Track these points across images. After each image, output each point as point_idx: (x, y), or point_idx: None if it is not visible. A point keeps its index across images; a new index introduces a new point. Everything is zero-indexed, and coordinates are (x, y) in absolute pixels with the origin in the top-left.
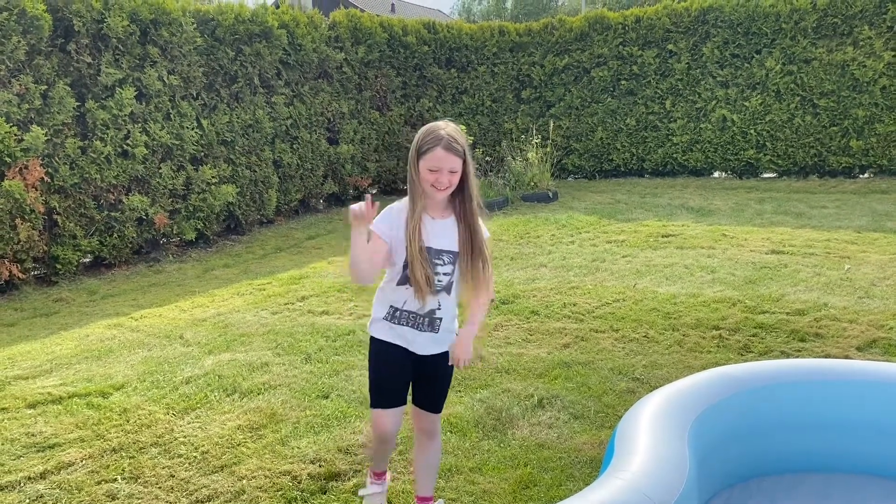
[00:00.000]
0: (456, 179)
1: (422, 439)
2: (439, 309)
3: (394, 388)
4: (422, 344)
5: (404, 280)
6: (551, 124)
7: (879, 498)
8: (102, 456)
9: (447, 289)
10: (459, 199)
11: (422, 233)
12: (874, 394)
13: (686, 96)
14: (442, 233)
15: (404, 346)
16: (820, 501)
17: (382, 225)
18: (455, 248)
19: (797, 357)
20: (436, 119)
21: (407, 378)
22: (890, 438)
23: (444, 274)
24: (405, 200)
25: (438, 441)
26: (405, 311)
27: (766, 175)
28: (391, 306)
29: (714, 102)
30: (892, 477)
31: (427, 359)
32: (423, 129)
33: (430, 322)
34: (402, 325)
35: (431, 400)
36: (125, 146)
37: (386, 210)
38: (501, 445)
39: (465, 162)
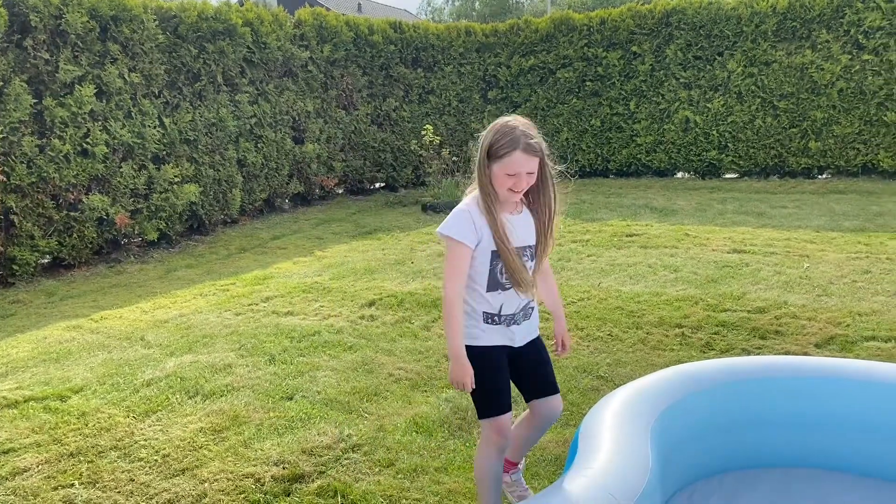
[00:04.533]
0: (533, 179)
1: (544, 423)
2: (532, 300)
3: (509, 389)
4: (521, 336)
5: (494, 286)
6: None
7: (839, 492)
8: (59, 461)
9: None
10: (538, 194)
11: (510, 234)
12: (832, 389)
13: (650, 97)
14: (522, 228)
15: (506, 343)
16: (780, 496)
17: (465, 231)
18: (533, 240)
19: (758, 354)
20: (402, 118)
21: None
22: (848, 433)
23: (530, 268)
24: (472, 202)
25: None
26: (504, 315)
27: (727, 175)
28: (485, 313)
29: (677, 104)
30: (850, 471)
31: (524, 348)
32: (494, 127)
33: (524, 315)
34: (503, 325)
35: (549, 381)
36: (85, 144)
37: (460, 215)
38: (467, 445)
39: (542, 161)
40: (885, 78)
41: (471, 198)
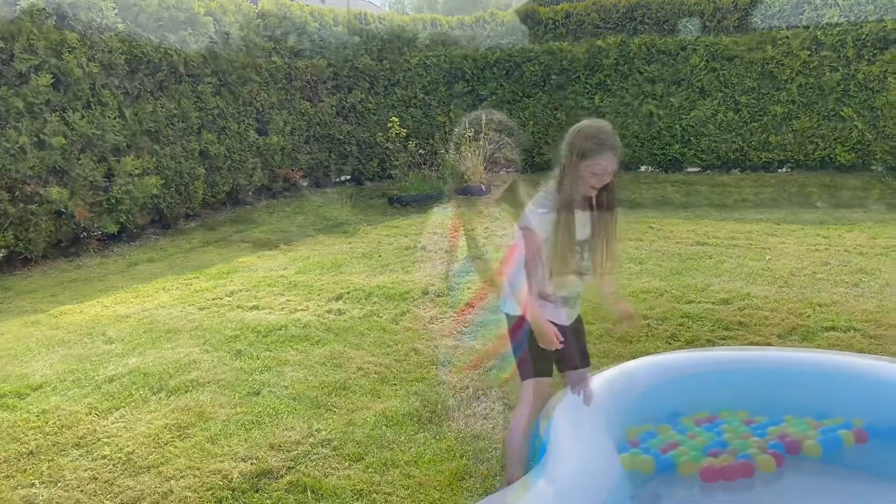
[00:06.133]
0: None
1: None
2: (581, 288)
3: (551, 357)
4: (567, 316)
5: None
6: (483, 118)
7: (802, 478)
8: (19, 460)
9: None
10: (604, 192)
11: (576, 227)
12: (795, 379)
13: (614, 91)
14: (585, 223)
15: (553, 319)
16: (744, 484)
17: (544, 225)
18: (587, 235)
19: (722, 345)
20: (368, 110)
21: None
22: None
23: (587, 259)
24: (545, 198)
25: None
26: (558, 297)
27: (690, 169)
28: (541, 293)
29: (641, 98)
30: (814, 460)
31: (567, 325)
32: (585, 130)
33: (574, 302)
34: (554, 305)
35: (583, 354)
36: (42, 136)
37: (540, 213)
38: (437, 438)
39: None
40: (842, 73)
41: (544, 193)
